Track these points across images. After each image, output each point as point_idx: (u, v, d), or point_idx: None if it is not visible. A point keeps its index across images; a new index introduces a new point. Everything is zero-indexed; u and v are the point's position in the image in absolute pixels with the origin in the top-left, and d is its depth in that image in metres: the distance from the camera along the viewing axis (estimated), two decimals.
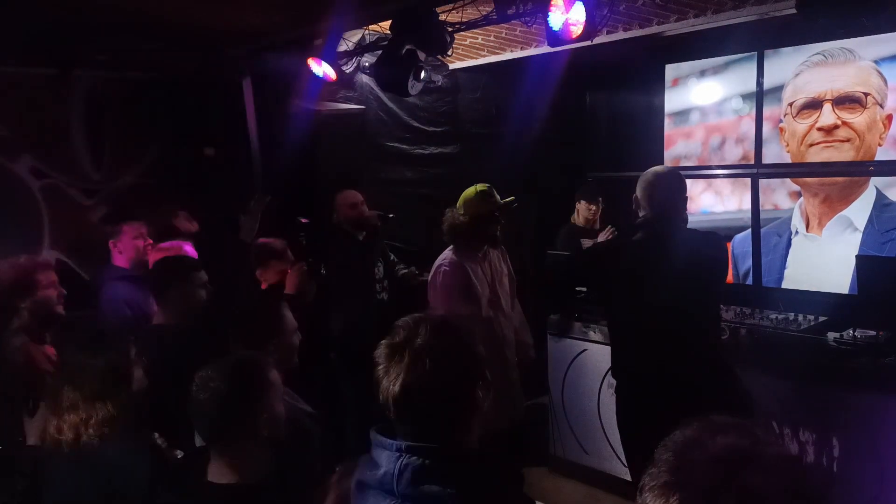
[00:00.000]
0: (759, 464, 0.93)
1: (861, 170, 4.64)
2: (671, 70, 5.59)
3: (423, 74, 4.09)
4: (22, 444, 2.45)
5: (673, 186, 3.14)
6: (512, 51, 5.31)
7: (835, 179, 4.76)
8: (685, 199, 3.18)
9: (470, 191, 3.74)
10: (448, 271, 3.69)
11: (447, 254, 3.78)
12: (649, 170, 3.20)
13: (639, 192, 3.14)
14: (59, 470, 2.10)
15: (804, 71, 4.83)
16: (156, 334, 2.88)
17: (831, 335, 3.65)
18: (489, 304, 3.74)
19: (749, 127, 5.22)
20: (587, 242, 5.15)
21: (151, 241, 3.73)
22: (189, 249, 3.63)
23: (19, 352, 2.74)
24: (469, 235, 3.73)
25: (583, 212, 5.37)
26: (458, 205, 3.76)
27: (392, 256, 4.67)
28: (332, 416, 3.89)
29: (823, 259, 4.79)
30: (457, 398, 1.48)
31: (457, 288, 3.65)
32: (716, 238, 3.36)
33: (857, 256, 4.31)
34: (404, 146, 5.57)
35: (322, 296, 3.96)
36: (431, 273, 3.80)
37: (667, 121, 5.67)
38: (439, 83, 5.68)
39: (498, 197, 3.74)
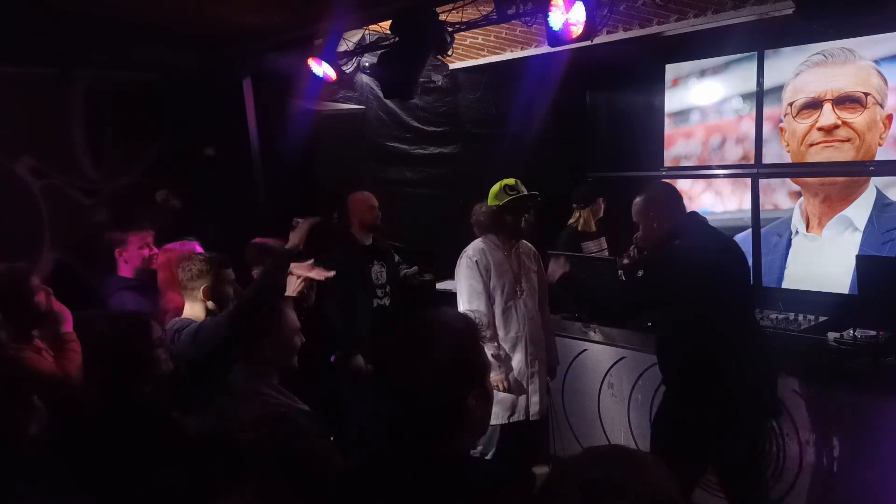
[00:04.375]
0: (621, 493, 0.98)
1: (861, 170, 4.64)
2: (671, 70, 5.59)
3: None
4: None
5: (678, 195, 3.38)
6: (512, 51, 5.31)
7: (835, 179, 4.76)
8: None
9: (497, 185, 3.85)
10: (470, 256, 3.83)
11: (476, 242, 3.91)
12: (648, 191, 3.35)
13: (650, 212, 3.27)
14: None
15: (804, 71, 4.83)
16: (183, 328, 2.89)
17: (831, 335, 3.65)
18: (510, 295, 3.81)
19: (749, 127, 5.22)
20: (589, 246, 5.13)
21: (157, 251, 3.71)
22: (198, 249, 3.62)
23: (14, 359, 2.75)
24: (492, 227, 3.85)
25: (597, 213, 5.18)
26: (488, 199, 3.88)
27: (397, 258, 4.65)
28: (333, 418, 3.90)
29: (823, 259, 4.79)
30: (447, 402, 1.44)
31: (476, 274, 3.78)
32: (732, 239, 3.58)
33: (857, 256, 4.31)
34: (404, 146, 5.57)
35: (321, 298, 3.95)
36: (459, 259, 3.92)
37: (667, 121, 5.67)
38: (439, 83, 5.68)
39: (523, 190, 3.81)
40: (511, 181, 3.82)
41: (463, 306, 3.80)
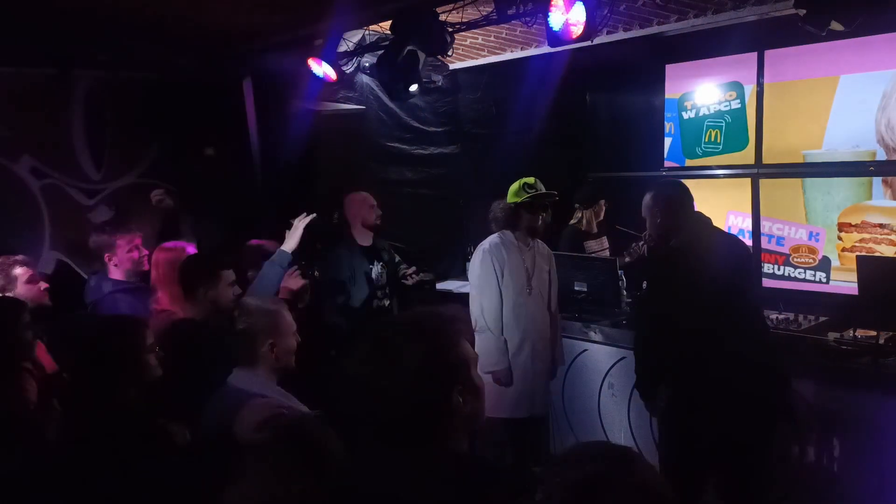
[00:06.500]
0: (612, 492, 0.96)
1: (861, 170, 4.65)
2: (671, 70, 5.59)
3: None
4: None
5: (686, 194, 3.34)
6: (512, 51, 5.31)
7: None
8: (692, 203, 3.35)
9: (516, 183, 3.91)
10: (486, 249, 3.90)
11: (492, 236, 3.97)
12: (657, 187, 3.38)
13: (654, 208, 3.30)
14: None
15: None
16: (183, 329, 2.90)
17: (831, 335, 3.65)
18: (520, 292, 3.85)
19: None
20: (591, 245, 5.12)
21: (147, 252, 3.69)
22: (191, 250, 3.62)
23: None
24: (509, 223, 3.92)
25: (598, 215, 5.15)
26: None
27: (397, 258, 4.64)
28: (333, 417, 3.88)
29: None
30: (430, 403, 1.42)
31: (489, 267, 3.83)
32: (736, 238, 3.57)
33: (857, 256, 4.32)
34: (404, 146, 5.57)
35: (315, 298, 3.95)
36: (475, 251, 4.00)
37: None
38: (439, 83, 5.68)
39: (542, 188, 3.88)
40: (531, 180, 3.89)
41: (474, 297, 3.87)
